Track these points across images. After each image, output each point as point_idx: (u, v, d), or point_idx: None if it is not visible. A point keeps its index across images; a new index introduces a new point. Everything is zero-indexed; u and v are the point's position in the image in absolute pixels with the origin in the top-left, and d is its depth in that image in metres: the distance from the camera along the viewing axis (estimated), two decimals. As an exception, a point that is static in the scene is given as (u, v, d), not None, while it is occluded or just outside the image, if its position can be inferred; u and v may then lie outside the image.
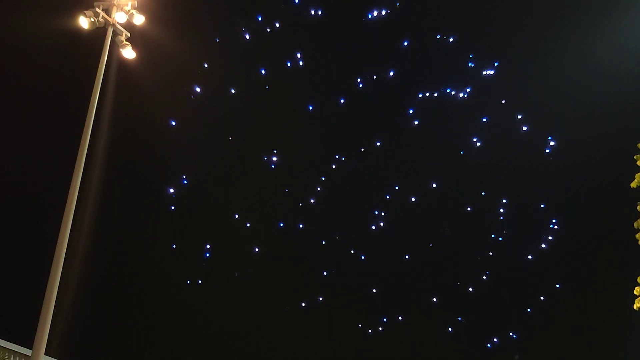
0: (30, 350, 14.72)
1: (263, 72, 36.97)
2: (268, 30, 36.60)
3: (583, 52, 33.57)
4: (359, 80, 37.73)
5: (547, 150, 36.75)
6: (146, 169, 36.34)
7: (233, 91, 36.54)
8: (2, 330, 21.99)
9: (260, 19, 36.42)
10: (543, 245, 36.89)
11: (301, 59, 36.89)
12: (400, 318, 37.06)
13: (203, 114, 36.20)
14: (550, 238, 36.77)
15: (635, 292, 17.07)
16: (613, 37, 32.01)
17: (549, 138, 36.59)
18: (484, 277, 37.45)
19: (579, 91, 33.67)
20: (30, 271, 29.26)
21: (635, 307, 17.12)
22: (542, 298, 36.52)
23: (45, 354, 14.77)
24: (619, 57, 31.67)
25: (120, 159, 32.43)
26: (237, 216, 36.98)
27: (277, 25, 36.55)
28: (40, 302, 14.62)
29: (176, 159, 36.47)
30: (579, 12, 34.12)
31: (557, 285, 36.30)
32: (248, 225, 36.98)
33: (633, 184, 17.60)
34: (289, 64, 36.89)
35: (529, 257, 37.23)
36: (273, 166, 37.40)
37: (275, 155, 37.41)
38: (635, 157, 17.64)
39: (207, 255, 36.46)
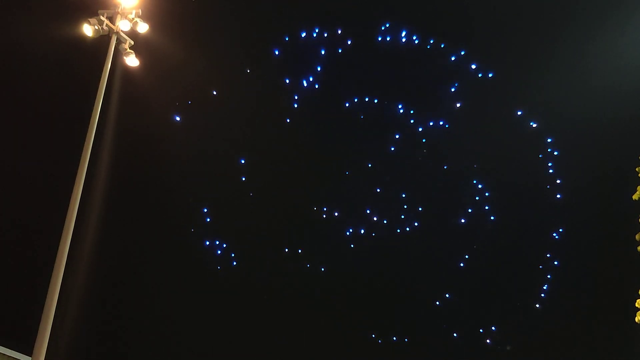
0: (30, 358, 14.67)
1: (263, 77, 37.38)
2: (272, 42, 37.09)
3: (586, 62, 33.68)
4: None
5: (550, 164, 36.90)
6: (149, 176, 36.42)
7: (236, 97, 36.79)
8: (1, 337, 21.96)
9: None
10: (547, 255, 36.88)
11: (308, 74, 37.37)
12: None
13: (205, 120, 36.38)
14: (551, 250, 36.79)
15: (637, 305, 17.02)
16: (618, 48, 32.11)
17: (549, 149, 36.70)
18: (483, 285, 37.44)
19: (581, 103, 33.71)
20: (31, 276, 29.21)
21: (637, 319, 17.07)
22: (542, 311, 36.41)
23: (44, 361, 14.73)
24: (623, 68, 31.75)
25: (123, 167, 32.49)
26: (244, 219, 37.15)
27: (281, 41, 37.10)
28: (40, 308, 14.59)
29: (179, 165, 36.56)
30: (581, 24, 34.29)
31: (558, 298, 36.21)
32: (256, 227, 37.12)
33: (635, 196, 17.62)
34: (287, 80, 37.40)
35: (530, 267, 37.20)
36: (278, 173, 37.66)
37: (281, 161, 37.67)
38: (637, 169, 17.67)
39: (219, 254, 36.58)
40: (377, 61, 38.47)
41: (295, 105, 37.72)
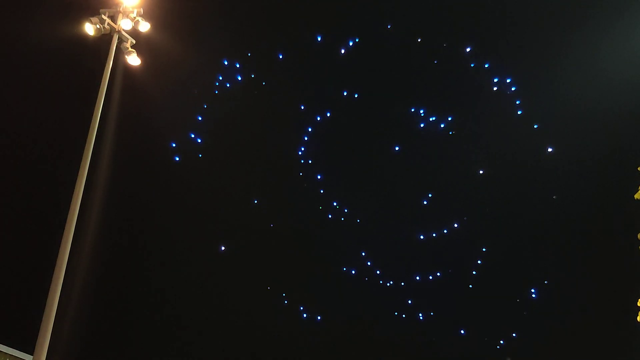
0: (31, 356, 14.68)
1: (264, 77, 37.44)
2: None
3: (590, 61, 33.57)
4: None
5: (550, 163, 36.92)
6: (150, 175, 36.46)
7: (237, 96, 36.83)
8: (2, 335, 21.99)
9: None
10: (545, 256, 36.87)
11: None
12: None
13: (207, 120, 36.39)
14: (551, 249, 36.80)
15: (639, 304, 16.97)
16: (622, 46, 32.00)
17: (550, 149, 36.70)
18: (482, 284, 37.49)
19: (584, 101, 33.65)
20: (32, 275, 29.26)
21: (639, 319, 17.02)
22: (541, 310, 36.38)
23: (46, 360, 14.74)
24: (626, 67, 31.65)
25: (124, 165, 32.51)
26: (247, 218, 37.22)
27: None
28: (42, 307, 14.59)
29: (181, 164, 36.62)
30: (587, 21, 34.17)
31: (558, 298, 36.20)
32: (261, 223, 37.25)
33: (637, 195, 17.55)
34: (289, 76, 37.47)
35: (530, 266, 37.20)
36: (283, 174, 37.80)
37: (284, 160, 37.78)
38: (639, 168, 17.60)
39: (222, 251, 36.66)
40: (381, 62, 38.54)
41: (302, 107, 37.84)
